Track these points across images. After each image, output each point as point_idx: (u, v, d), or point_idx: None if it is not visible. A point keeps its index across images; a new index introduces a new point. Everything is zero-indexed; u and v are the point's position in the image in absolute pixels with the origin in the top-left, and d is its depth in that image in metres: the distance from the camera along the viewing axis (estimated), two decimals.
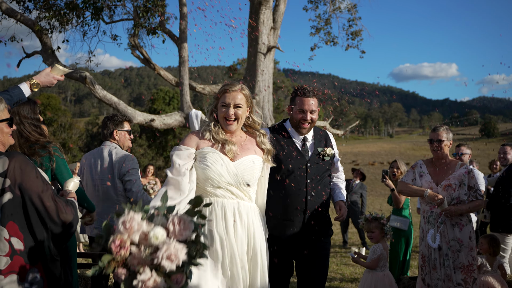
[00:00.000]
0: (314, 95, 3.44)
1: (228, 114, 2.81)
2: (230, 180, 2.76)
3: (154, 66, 10.51)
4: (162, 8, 9.09)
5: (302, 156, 3.45)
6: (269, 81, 10.57)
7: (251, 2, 10.38)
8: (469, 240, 4.12)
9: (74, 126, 56.48)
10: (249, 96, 2.89)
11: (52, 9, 8.70)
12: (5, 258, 2.13)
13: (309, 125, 3.46)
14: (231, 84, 2.87)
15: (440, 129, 4.30)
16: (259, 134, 2.97)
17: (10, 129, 2.36)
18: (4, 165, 2.15)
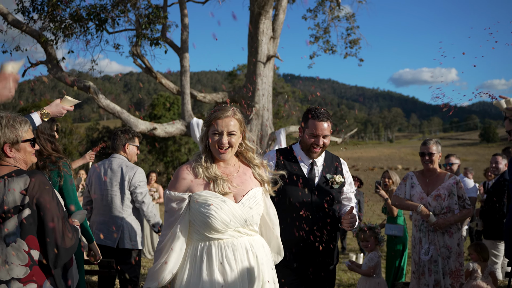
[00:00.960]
0: (327, 119, 3.26)
1: (221, 142, 2.49)
2: (237, 223, 2.49)
3: (155, 75, 10.71)
4: (164, 19, 9.31)
5: (308, 182, 3.28)
6: (269, 89, 10.76)
7: (251, 12, 10.59)
8: (457, 247, 4.33)
9: (75, 131, 56.64)
10: (242, 121, 2.60)
11: (57, 21, 8.92)
12: (25, 268, 2.31)
13: (321, 149, 3.30)
14: (223, 109, 2.55)
15: (430, 142, 4.49)
16: (253, 165, 2.67)
17: (33, 148, 2.54)
18: (26, 183, 2.33)
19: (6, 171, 2.40)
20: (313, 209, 3.24)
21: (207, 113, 2.66)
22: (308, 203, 3.23)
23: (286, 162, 3.32)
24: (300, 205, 3.21)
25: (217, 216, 2.41)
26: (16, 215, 2.30)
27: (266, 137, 10.55)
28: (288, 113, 49.50)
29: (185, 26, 9.36)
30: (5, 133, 2.40)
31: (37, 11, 9.34)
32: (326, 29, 13.67)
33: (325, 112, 3.27)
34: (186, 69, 9.36)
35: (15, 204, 2.28)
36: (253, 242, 2.54)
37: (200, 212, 2.44)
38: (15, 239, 2.29)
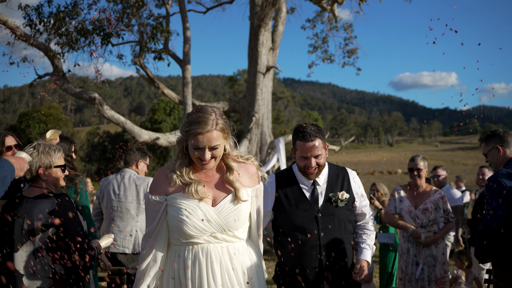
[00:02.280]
0: (316, 136, 2.92)
1: (204, 158, 2.27)
2: (212, 229, 2.32)
3: (158, 85, 11.02)
4: (166, 33, 9.61)
5: (310, 206, 3.01)
6: (268, 99, 11.07)
7: (251, 24, 10.91)
8: (442, 256, 4.65)
9: (76, 136, 56.97)
10: (225, 128, 2.32)
11: (63, 33, 9.24)
12: (48, 279, 2.61)
13: (316, 169, 3.00)
14: (203, 122, 2.23)
15: (417, 158, 4.81)
16: (228, 169, 2.41)
17: (63, 173, 2.85)
18: (53, 205, 2.63)
19: (37, 192, 2.70)
20: (320, 234, 2.96)
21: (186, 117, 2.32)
22: (313, 228, 2.96)
23: (286, 186, 3.07)
24: (306, 231, 2.96)
25: (189, 221, 2.27)
26: (44, 232, 2.59)
27: (265, 145, 10.85)
28: (288, 118, 49.78)
29: (187, 39, 9.67)
30: (41, 158, 2.71)
31: (43, 23, 9.66)
32: (324, 38, 14.01)
33: (314, 129, 2.95)
34: (188, 81, 9.67)
35: (43, 222, 2.58)
36: (232, 249, 2.35)
37: (173, 217, 2.31)
38: (42, 253, 2.59)
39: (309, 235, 2.96)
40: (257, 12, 10.41)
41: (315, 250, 2.96)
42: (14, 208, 2.63)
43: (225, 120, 2.34)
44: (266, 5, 10.02)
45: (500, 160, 3.60)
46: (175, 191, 2.33)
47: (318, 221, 2.99)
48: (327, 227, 2.98)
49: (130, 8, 9.09)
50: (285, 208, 3.02)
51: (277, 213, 3.09)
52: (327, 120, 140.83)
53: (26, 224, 2.58)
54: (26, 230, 2.57)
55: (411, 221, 4.69)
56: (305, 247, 2.96)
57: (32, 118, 46.02)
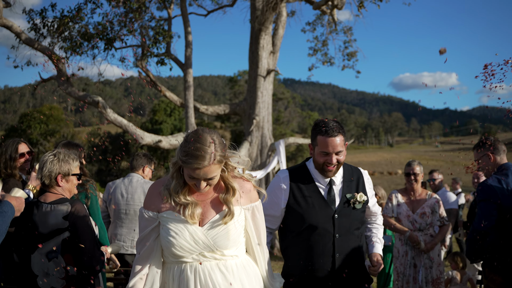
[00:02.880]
0: (339, 132, 2.85)
1: (200, 187, 2.23)
2: (199, 250, 2.27)
3: (160, 88, 11.17)
4: (168, 38, 9.77)
5: (327, 206, 2.90)
6: (269, 102, 11.22)
7: (252, 28, 11.06)
8: (438, 257, 4.84)
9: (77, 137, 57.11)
10: (223, 158, 2.25)
11: (66, 37, 9.39)
12: (62, 280, 2.77)
13: (335, 167, 2.90)
14: (201, 157, 2.15)
15: (414, 163, 4.98)
16: (229, 189, 2.33)
17: (78, 182, 3.03)
18: (68, 210, 2.81)
19: (52, 198, 2.88)
20: (335, 235, 2.87)
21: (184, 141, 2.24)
22: (329, 229, 2.87)
23: (301, 183, 2.95)
24: (321, 232, 2.87)
25: (175, 242, 2.23)
26: (58, 236, 2.76)
27: (266, 148, 11.00)
28: (288, 119, 49.91)
29: (188, 43, 9.83)
30: (60, 165, 2.90)
31: (47, 28, 9.82)
32: (324, 41, 14.15)
33: (336, 125, 2.88)
34: (189, 84, 9.83)
35: (58, 226, 2.75)
36: (223, 266, 2.30)
37: (162, 236, 2.29)
38: (57, 255, 2.75)
39: (324, 236, 2.86)
40: (257, 16, 10.56)
41: (329, 252, 2.87)
42: (30, 212, 2.79)
43: (225, 148, 2.27)
44: (267, 10, 10.18)
45: (491, 166, 3.76)
46: (166, 209, 2.29)
47: (335, 222, 2.88)
48: (342, 228, 2.89)
49: (133, 13, 9.24)
50: (300, 207, 2.89)
51: (290, 212, 2.94)
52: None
53: (42, 227, 2.74)
54: (41, 233, 2.73)
55: (409, 224, 4.86)
56: (319, 249, 2.87)
57: (33, 119, 46.17)
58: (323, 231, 2.87)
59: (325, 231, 2.87)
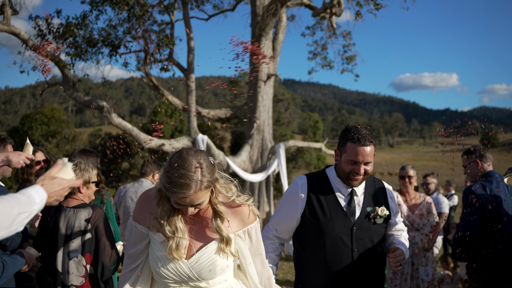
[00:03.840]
0: (371, 141, 2.66)
1: (187, 212, 2.05)
2: (183, 279, 2.13)
3: (162, 92, 11.40)
4: (171, 44, 10.02)
5: (346, 218, 2.72)
6: (269, 106, 11.45)
7: (252, 33, 11.29)
8: (432, 255, 5.13)
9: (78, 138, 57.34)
10: (211, 182, 2.03)
11: (71, 43, 9.64)
12: (81, 278, 3.03)
13: (362, 177, 2.71)
14: (186, 186, 1.95)
15: (408, 167, 5.25)
16: (215, 214, 2.14)
17: (96, 188, 3.31)
18: (89, 214, 3.08)
19: (75, 203, 3.17)
20: (354, 250, 2.69)
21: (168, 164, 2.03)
22: (347, 242, 2.69)
23: (319, 192, 2.77)
24: (338, 245, 2.69)
25: (159, 271, 2.11)
26: (80, 237, 3.02)
27: (266, 150, 11.23)
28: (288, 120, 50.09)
29: (191, 49, 10.07)
30: (82, 174, 3.18)
31: (53, 33, 10.06)
32: (323, 45, 14.40)
33: (368, 133, 2.68)
34: (192, 89, 10.06)
35: (80, 228, 3.02)
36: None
37: (149, 254, 2.16)
38: (77, 255, 3.02)
39: (342, 250, 2.68)
40: (258, 22, 10.79)
41: (346, 268, 2.67)
42: (55, 216, 3.06)
43: (213, 171, 2.05)
44: (267, 16, 10.40)
45: (478, 173, 4.02)
46: (154, 229, 2.13)
47: (353, 236, 2.69)
48: (361, 243, 2.71)
49: (137, 20, 9.48)
50: (317, 217, 2.71)
51: (305, 221, 2.76)
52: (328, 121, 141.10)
53: (65, 229, 3.00)
54: (65, 235, 2.99)
55: (409, 225, 5.14)
56: (335, 263, 2.67)
57: (35, 120, 46.36)
58: (341, 244, 2.68)
59: (343, 244, 2.68)
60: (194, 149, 2.04)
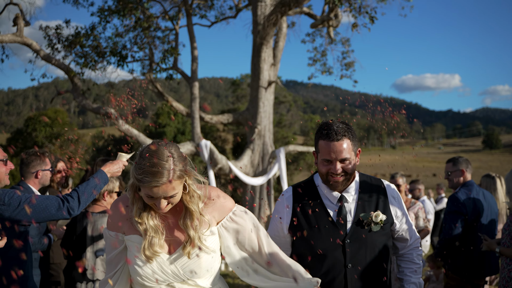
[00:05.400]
0: (344, 135, 2.34)
1: (160, 207, 1.99)
2: (169, 280, 2.05)
3: (167, 98, 11.82)
4: (176, 54, 10.44)
5: (335, 229, 2.37)
6: (270, 112, 11.85)
7: (254, 41, 11.70)
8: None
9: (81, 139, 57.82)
10: (183, 172, 1.99)
11: (80, 53, 10.09)
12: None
13: (343, 177, 2.38)
14: (158, 174, 1.90)
15: (397, 176, 5.60)
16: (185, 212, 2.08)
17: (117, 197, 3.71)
18: None
19: (100, 209, 3.60)
20: (347, 265, 2.35)
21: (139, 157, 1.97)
22: (339, 257, 2.35)
23: (305, 202, 2.46)
24: (329, 261, 2.36)
25: (141, 272, 2.02)
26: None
27: (267, 155, 11.63)
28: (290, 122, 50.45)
29: (194, 58, 10.49)
30: (108, 185, 3.58)
31: (62, 42, 10.50)
32: (323, 52, 14.78)
33: (342, 126, 2.37)
34: (195, 96, 10.48)
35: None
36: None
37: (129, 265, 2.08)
38: (103, 253, 3.42)
39: (334, 266, 2.35)
40: (259, 31, 11.19)
41: (340, 286, 2.35)
42: (82, 220, 3.47)
43: (185, 162, 2.02)
44: (268, 25, 10.80)
45: (460, 181, 4.44)
46: (132, 232, 2.07)
47: (345, 249, 2.35)
48: (356, 256, 2.35)
49: (143, 31, 9.90)
50: (303, 230, 2.40)
51: (294, 236, 2.46)
52: None
53: (91, 231, 3.43)
54: (91, 236, 3.41)
55: None
56: (328, 282, 2.34)
57: (38, 122, 46.82)
58: (332, 260, 2.35)
59: (335, 259, 2.34)
60: (165, 141, 2.02)
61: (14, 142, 40.66)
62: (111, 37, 10.47)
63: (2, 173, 2.84)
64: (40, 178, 3.68)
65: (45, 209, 2.68)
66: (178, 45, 10.97)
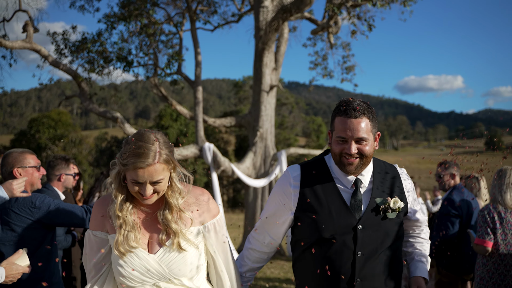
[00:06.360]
0: (363, 113, 2.15)
1: (145, 193, 1.95)
2: (153, 279, 2.00)
3: (171, 101, 12.10)
4: (180, 59, 10.73)
5: (349, 214, 2.20)
6: (271, 115, 12.12)
7: (256, 46, 11.97)
8: None
9: (84, 141, 58.17)
10: (169, 158, 1.98)
11: (87, 58, 10.39)
12: None
13: (358, 160, 2.18)
14: (144, 154, 1.89)
15: None
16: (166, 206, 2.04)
17: None
18: None
19: None
20: (357, 253, 2.17)
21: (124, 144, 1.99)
22: (349, 244, 2.18)
23: (316, 183, 2.25)
24: (337, 247, 2.18)
25: (124, 272, 1.97)
26: None
27: (269, 157, 11.90)
28: (292, 123, 50.68)
29: (198, 63, 10.77)
30: None
31: (69, 48, 10.80)
32: (324, 56, 15.04)
33: (362, 105, 2.18)
34: (199, 100, 10.75)
35: None
36: None
37: (112, 261, 2.03)
38: None
39: (343, 254, 2.17)
40: (261, 37, 11.46)
41: (346, 276, 2.16)
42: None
43: (171, 150, 2.01)
44: (270, 31, 11.07)
45: (451, 184, 4.70)
46: (115, 231, 2.01)
47: (357, 235, 2.17)
48: (367, 244, 2.18)
49: (149, 37, 10.19)
50: (313, 213, 2.21)
51: (300, 219, 2.27)
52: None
53: None
54: None
55: None
56: (334, 270, 2.17)
57: (42, 124, 47.15)
58: (341, 247, 2.17)
59: (344, 246, 2.17)
60: (151, 129, 2.02)
61: (17, 144, 40.94)
62: (117, 42, 10.76)
63: (36, 178, 3.12)
64: (63, 181, 3.98)
65: (70, 215, 3.00)
66: (182, 46, 11.25)
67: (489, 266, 3.72)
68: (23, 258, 2.48)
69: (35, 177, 3.11)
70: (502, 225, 3.70)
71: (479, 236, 3.74)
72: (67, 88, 32.97)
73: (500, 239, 3.69)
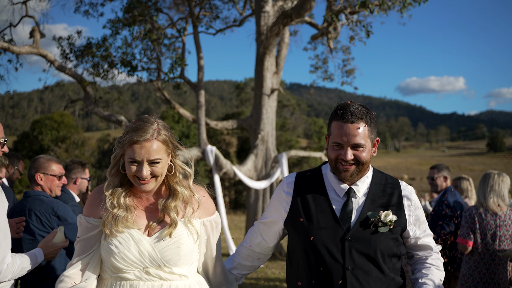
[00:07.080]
0: (361, 118, 2.10)
1: (142, 175, 1.94)
2: (144, 264, 2.00)
3: (174, 105, 12.32)
4: (183, 64, 10.96)
5: (337, 225, 2.13)
6: (273, 118, 12.33)
7: (257, 50, 12.18)
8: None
9: (87, 143, 58.41)
10: (169, 139, 2.01)
11: (93, 63, 10.63)
12: None
13: (354, 167, 2.13)
14: (141, 128, 1.94)
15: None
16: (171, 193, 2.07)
17: None
18: None
19: None
20: (346, 267, 2.08)
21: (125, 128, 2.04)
22: (337, 258, 2.10)
23: (308, 191, 2.22)
24: (326, 261, 2.10)
25: (117, 251, 1.97)
26: None
27: (270, 160, 12.10)
28: (294, 125, 50.83)
29: (200, 68, 10.99)
30: None
31: (74, 53, 11.05)
32: (324, 59, 15.26)
33: (360, 109, 2.13)
34: (201, 104, 10.98)
35: None
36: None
37: (103, 245, 2.02)
38: None
39: (332, 267, 2.09)
40: (262, 41, 11.67)
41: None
42: None
43: (171, 134, 2.04)
44: (271, 35, 11.28)
45: (443, 186, 4.92)
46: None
47: (345, 248, 2.09)
48: (358, 259, 2.09)
49: (153, 43, 10.42)
50: (301, 224, 2.17)
51: (290, 228, 2.25)
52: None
53: None
54: None
55: None
56: (324, 284, 2.09)
57: (45, 126, 47.38)
58: (330, 261, 2.09)
59: (333, 260, 2.09)
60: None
61: (20, 145, 41.12)
62: (121, 47, 10.99)
63: (54, 186, 3.38)
64: (79, 184, 4.17)
65: None
66: (185, 49, 11.49)
67: (470, 264, 4.00)
68: (59, 236, 2.75)
69: (54, 185, 3.35)
70: (482, 226, 3.95)
71: (461, 236, 4.01)
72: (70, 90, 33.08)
73: (479, 239, 3.95)
